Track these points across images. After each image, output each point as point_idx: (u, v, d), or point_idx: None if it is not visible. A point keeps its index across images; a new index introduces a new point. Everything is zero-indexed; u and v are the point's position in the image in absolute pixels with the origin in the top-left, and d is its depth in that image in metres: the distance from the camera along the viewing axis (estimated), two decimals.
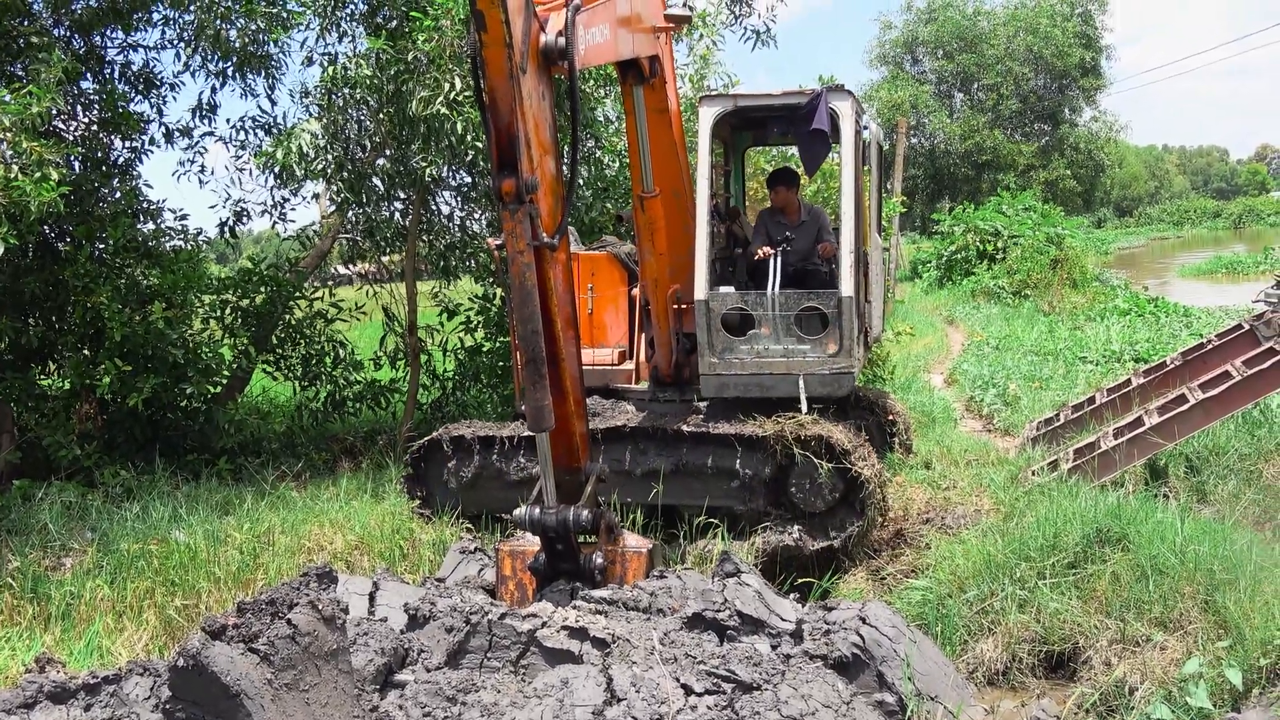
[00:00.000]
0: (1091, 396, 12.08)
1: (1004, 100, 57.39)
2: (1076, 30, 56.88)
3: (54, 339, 12.61)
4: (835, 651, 5.90)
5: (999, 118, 57.69)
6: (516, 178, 5.73)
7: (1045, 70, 57.67)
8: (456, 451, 9.75)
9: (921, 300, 33.20)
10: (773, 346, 9.48)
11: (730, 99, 9.85)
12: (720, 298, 9.56)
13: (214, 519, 9.89)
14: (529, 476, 9.33)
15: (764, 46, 16.07)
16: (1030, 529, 7.96)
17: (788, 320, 9.46)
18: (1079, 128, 60.38)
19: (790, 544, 9.00)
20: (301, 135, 12.41)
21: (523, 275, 6.01)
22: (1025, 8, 58.56)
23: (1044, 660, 7.09)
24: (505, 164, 5.76)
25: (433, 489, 9.95)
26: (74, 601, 8.29)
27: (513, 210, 5.81)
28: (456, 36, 11.07)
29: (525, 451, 9.45)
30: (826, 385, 9.40)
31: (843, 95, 9.53)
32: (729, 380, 9.49)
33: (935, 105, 58.28)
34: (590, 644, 6.00)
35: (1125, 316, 23.03)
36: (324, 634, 5.25)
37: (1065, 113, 59.79)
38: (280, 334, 14.19)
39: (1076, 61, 56.73)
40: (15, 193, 9.23)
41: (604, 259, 10.61)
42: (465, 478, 9.68)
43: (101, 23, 13.01)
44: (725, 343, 9.50)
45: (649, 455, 9.31)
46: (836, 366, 9.38)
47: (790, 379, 9.37)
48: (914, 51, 61.59)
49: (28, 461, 11.77)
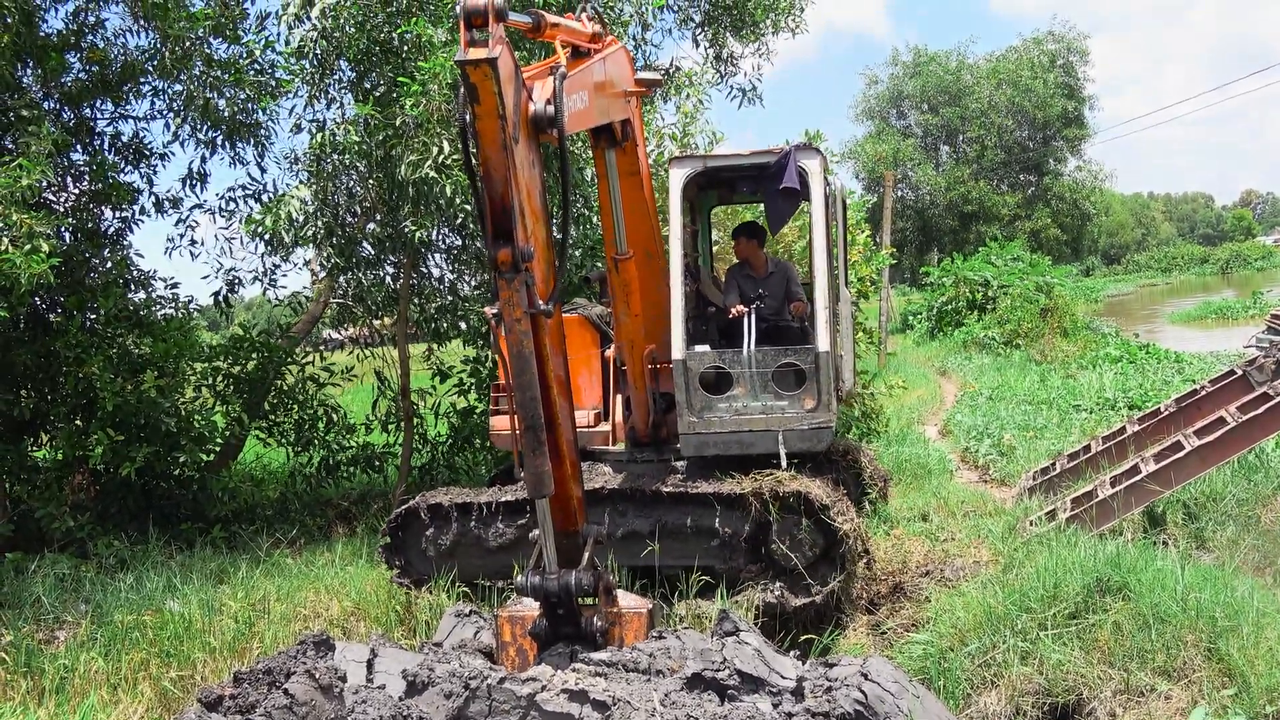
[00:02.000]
0: (1087, 445, 12.06)
1: (988, 152, 57.87)
2: (1059, 81, 57.45)
3: (46, 410, 12.60)
4: (838, 708, 5.84)
5: (983, 169, 58.15)
6: (512, 246, 5.73)
7: (1028, 122, 58.19)
8: (434, 520, 9.62)
9: (913, 352, 33.29)
10: (751, 404, 9.47)
11: (700, 160, 9.93)
12: (698, 357, 9.56)
13: (209, 588, 9.84)
14: (507, 542, 9.32)
15: (750, 104, 16.22)
16: (1030, 579, 7.92)
17: (765, 377, 9.47)
18: (1064, 177, 60.82)
19: (772, 601, 8.95)
20: (291, 202, 12.46)
21: (520, 343, 6.00)
22: (1007, 60, 59.19)
23: (1048, 712, 7.02)
24: (500, 233, 5.75)
25: (411, 558, 9.81)
26: (68, 675, 8.22)
27: (509, 279, 5.81)
28: (444, 101, 11.14)
29: (503, 518, 9.39)
30: (806, 440, 9.42)
31: (811, 153, 9.61)
32: (709, 439, 9.47)
33: (921, 158, 58.72)
34: (591, 707, 5.93)
35: (1117, 364, 23.07)
36: (321, 703, 5.19)
37: (1050, 163, 60.26)
38: (273, 400, 14.17)
39: (1059, 112, 57.29)
40: (6, 265, 9.25)
41: (576, 321, 10.60)
42: (444, 545, 9.53)
43: (91, 94, 13.10)
44: (704, 401, 9.49)
45: (628, 516, 9.26)
46: (815, 421, 9.39)
47: (770, 435, 9.38)
48: (899, 105, 62.17)
49: (20, 534, 11.72)
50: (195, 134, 13.73)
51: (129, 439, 11.80)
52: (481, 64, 5.27)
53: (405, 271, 13.80)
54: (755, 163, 9.77)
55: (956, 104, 58.58)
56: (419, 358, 14.92)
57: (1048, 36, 59.27)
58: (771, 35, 16.00)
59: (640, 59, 15.60)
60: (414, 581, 9.60)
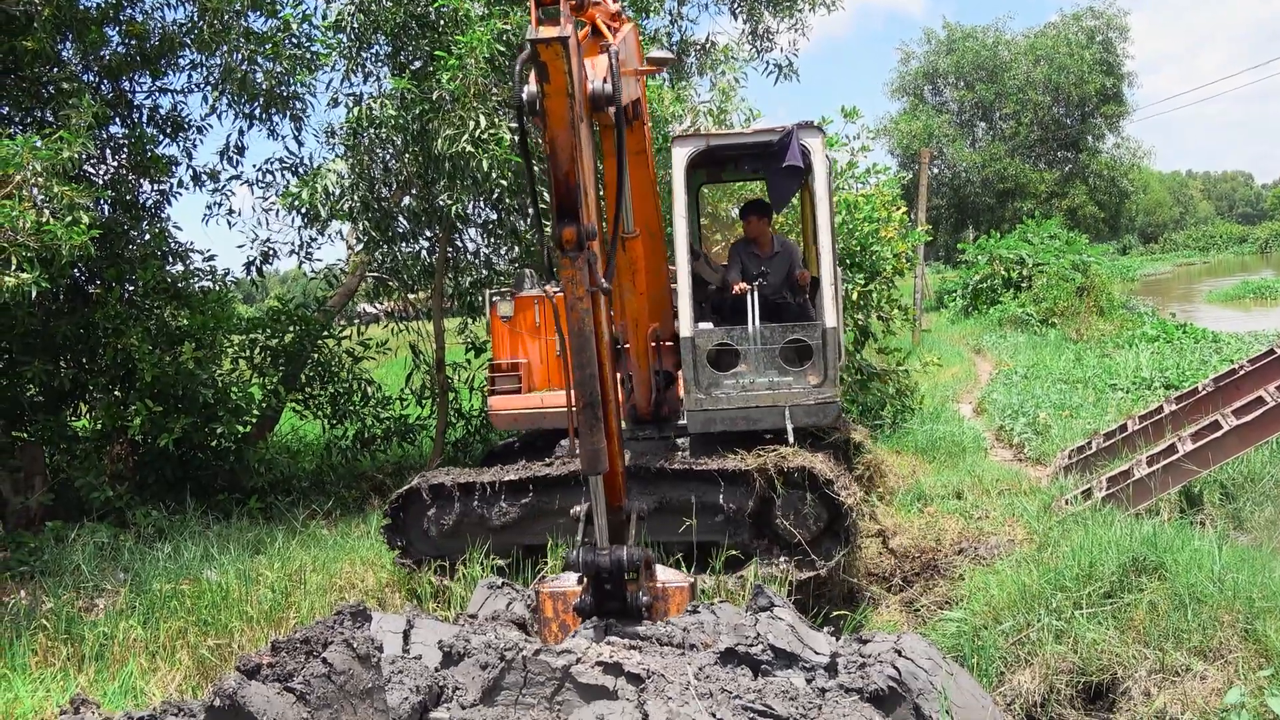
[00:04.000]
0: (1123, 424, 11.99)
1: (1023, 129, 57.35)
2: (1097, 58, 56.80)
3: (85, 381, 12.70)
4: (871, 684, 5.84)
5: (1020, 146, 57.63)
6: (577, 225, 5.73)
7: (1065, 98, 57.60)
8: (436, 499, 9.52)
9: (948, 330, 33.12)
10: (757, 380, 9.57)
11: (703, 139, 9.94)
12: (706, 334, 9.63)
13: (245, 558, 9.91)
14: (509, 521, 9.31)
15: (785, 80, 16.16)
16: (1065, 558, 7.88)
17: (771, 353, 9.57)
18: (1102, 155, 60.19)
19: (777, 575, 8.98)
20: (327, 175, 12.50)
21: (582, 321, 6.00)
22: (1045, 36, 58.57)
23: (1082, 691, 7.00)
24: (565, 212, 5.74)
25: (412, 538, 9.70)
26: (107, 642, 8.29)
27: (573, 257, 5.81)
28: (480, 75, 11.14)
29: (506, 497, 9.36)
30: (812, 415, 9.51)
31: (813, 131, 9.66)
32: (715, 415, 9.55)
33: (956, 134, 58.27)
34: (625, 679, 5.96)
35: (1154, 343, 22.89)
36: (359, 672, 5.23)
37: (1088, 140, 59.63)
38: (309, 373, 14.26)
39: (1097, 89, 56.64)
40: (47, 236, 9.31)
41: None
42: (445, 526, 9.44)
43: (130, 68, 13.17)
44: (711, 378, 9.56)
45: (632, 494, 9.27)
46: (821, 396, 9.47)
47: (776, 411, 9.46)
48: (934, 82, 61.66)
49: (60, 503, 11.84)
50: (233, 107, 13.80)
51: (167, 410, 11.90)
52: (553, 42, 5.25)
53: (440, 245, 13.83)
54: (758, 141, 9.85)
55: (993, 80, 58.04)
56: (454, 332, 14.97)
57: (1087, 12, 58.50)
58: (808, 10, 15.93)
59: (676, 34, 15.58)
60: (416, 562, 9.59)
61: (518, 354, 10.52)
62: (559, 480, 9.21)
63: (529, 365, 10.49)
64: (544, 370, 10.49)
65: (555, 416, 10.11)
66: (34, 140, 9.70)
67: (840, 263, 13.78)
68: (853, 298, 14.19)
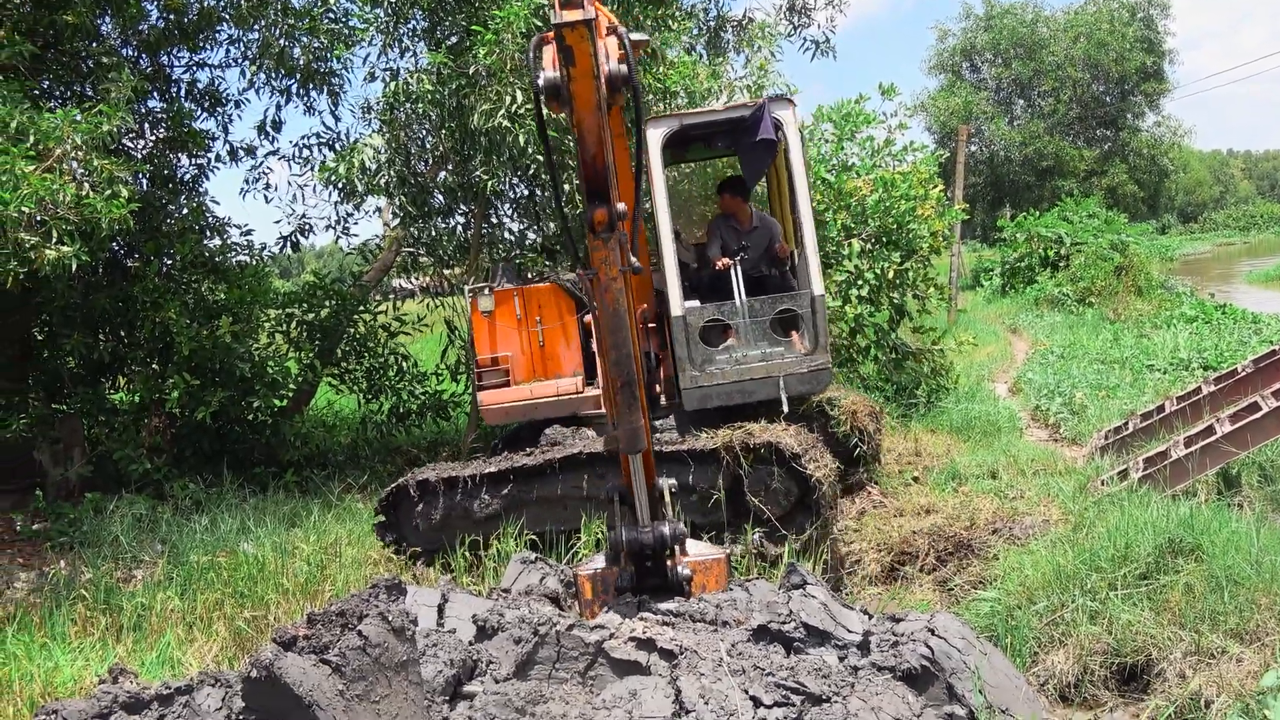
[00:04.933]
0: (1161, 405, 11.89)
1: (1063, 106, 56.82)
2: (1138, 34, 56.18)
3: (123, 354, 12.81)
4: (904, 663, 5.83)
5: (1059, 124, 57.11)
6: (608, 206, 5.74)
7: (1104, 76, 57.01)
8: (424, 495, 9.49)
9: (984, 309, 32.93)
10: (750, 353, 9.74)
11: (676, 118, 10.06)
12: (696, 312, 9.74)
13: (281, 531, 9.99)
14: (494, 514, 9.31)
15: (822, 57, 16.06)
16: (1100, 539, 7.84)
17: (762, 325, 9.75)
18: (1142, 133, 59.58)
19: (753, 551, 9.01)
20: (364, 150, 12.52)
21: (617, 301, 6.04)
22: (1085, 13, 57.96)
23: (1116, 672, 6.96)
24: (595, 194, 5.76)
25: (405, 531, 9.65)
26: (145, 613, 8.38)
27: (605, 238, 5.82)
28: (517, 50, 11.11)
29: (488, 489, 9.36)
30: (806, 383, 9.74)
31: (784, 104, 9.81)
32: (711, 391, 9.70)
33: (994, 112, 57.80)
34: (658, 655, 5.98)
35: (1192, 323, 22.66)
36: (394, 645, 5.26)
37: (1127, 118, 59.03)
38: (345, 347, 14.32)
39: (1137, 66, 56.03)
40: (86, 210, 9.38)
41: (549, 289, 10.59)
42: (434, 520, 9.41)
43: (168, 42, 13.23)
44: (704, 355, 9.71)
45: (607, 479, 9.28)
46: (814, 364, 9.68)
47: (770, 382, 9.64)
48: (972, 59, 61.13)
49: (99, 475, 11.97)
50: (270, 82, 13.86)
51: (204, 383, 11.99)
52: (579, 25, 5.24)
53: (476, 221, 13.84)
54: (730, 117, 9.96)
55: (1031, 57, 57.49)
56: None
57: None
58: None
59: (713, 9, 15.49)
60: (411, 555, 9.56)
61: (501, 348, 10.53)
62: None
63: (514, 358, 10.51)
64: (527, 362, 10.52)
65: (546, 407, 10.28)
66: (74, 114, 9.77)
67: (876, 241, 13.75)
68: (888, 276, 14.11)
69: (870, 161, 14.86)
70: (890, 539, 9.58)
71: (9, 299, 11.79)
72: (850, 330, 14.11)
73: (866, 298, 13.92)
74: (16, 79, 10.50)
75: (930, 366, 15.56)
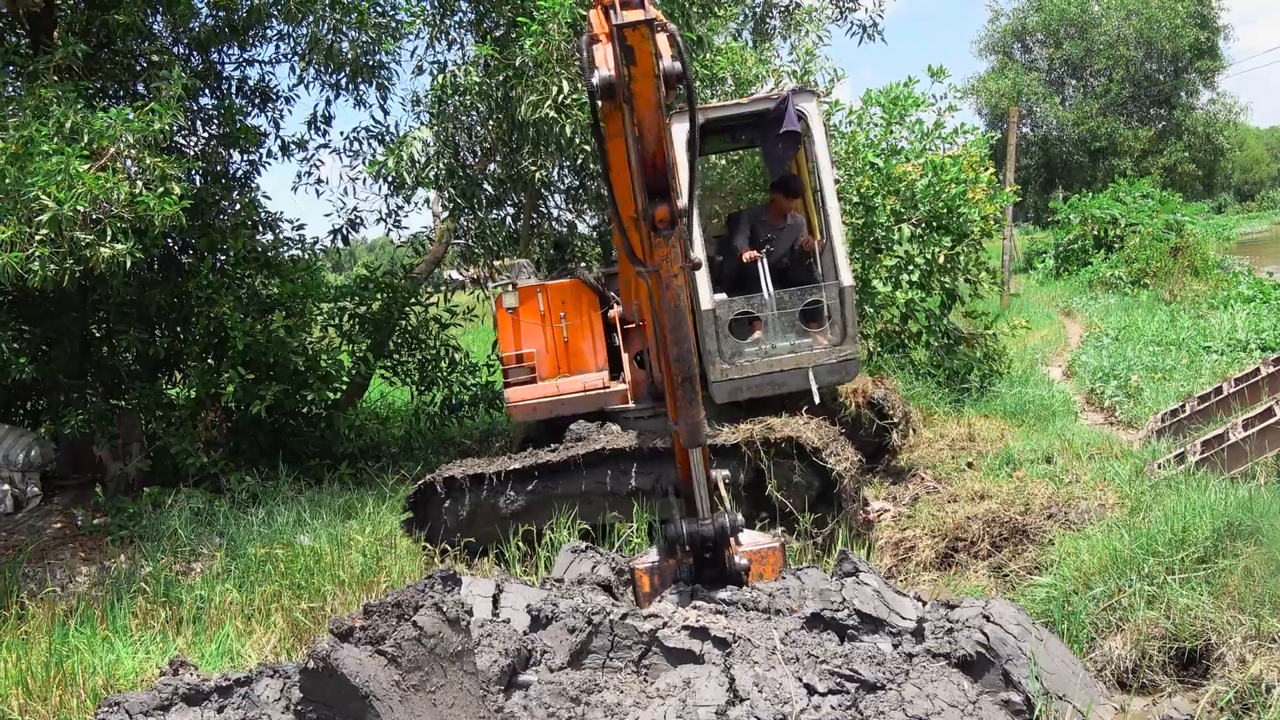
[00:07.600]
0: (1218, 387, 11.73)
1: (1116, 86, 56.12)
2: (1191, 10, 55.37)
3: (179, 349, 12.95)
4: (959, 650, 5.79)
5: (1111, 103, 56.42)
6: (670, 204, 5.74)
7: (1157, 54, 56.24)
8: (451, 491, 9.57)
9: (1037, 292, 32.60)
10: (779, 344, 9.76)
11: (700, 112, 9.91)
12: (726, 305, 9.72)
13: (337, 523, 10.06)
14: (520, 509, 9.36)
15: (870, 41, 15.97)
16: (1158, 523, 7.74)
17: (791, 317, 9.78)
18: (1196, 111, 58.74)
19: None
20: (413, 143, 12.59)
21: (678, 298, 6.04)
22: None
23: (1175, 658, 6.88)
24: (656, 192, 5.76)
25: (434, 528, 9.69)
26: (204, 605, 8.47)
27: (667, 236, 5.82)
28: (563, 40, 11.13)
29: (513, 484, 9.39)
30: (835, 373, 9.81)
31: (808, 96, 9.79)
32: (742, 384, 9.73)
33: (1046, 93, 57.20)
34: (711, 644, 5.98)
35: (1250, 304, 22.29)
36: (449, 636, 5.29)
37: (1181, 96, 58.21)
38: (397, 340, 14.40)
39: (1190, 43, 55.22)
40: (140, 207, 9.48)
41: (573, 285, 10.58)
42: (462, 516, 9.50)
43: (219, 40, 13.33)
44: (734, 348, 9.73)
45: (629, 475, 9.28)
46: (843, 354, 9.72)
47: (800, 373, 9.67)
48: (1023, 39, 60.53)
49: (157, 469, 12.11)
50: (320, 77, 13.92)
51: (259, 378, 12.09)
52: (640, 25, 5.22)
53: (525, 212, 13.88)
54: (754, 110, 9.94)
55: (1083, 37, 56.82)
56: None
57: None
58: None
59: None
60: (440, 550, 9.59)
61: (526, 345, 10.54)
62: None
63: (539, 355, 10.51)
64: (551, 359, 10.52)
65: (572, 403, 10.30)
66: (126, 113, 9.87)
67: (926, 225, 13.65)
68: (939, 261, 14.01)
69: (920, 145, 14.73)
70: (944, 525, 9.49)
71: (67, 297, 11.98)
72: (901, 316, 14.03)
73: (917, 283, 13.82)
74: (71, 79, 10.63)
75: (983, 351, 15.44)
